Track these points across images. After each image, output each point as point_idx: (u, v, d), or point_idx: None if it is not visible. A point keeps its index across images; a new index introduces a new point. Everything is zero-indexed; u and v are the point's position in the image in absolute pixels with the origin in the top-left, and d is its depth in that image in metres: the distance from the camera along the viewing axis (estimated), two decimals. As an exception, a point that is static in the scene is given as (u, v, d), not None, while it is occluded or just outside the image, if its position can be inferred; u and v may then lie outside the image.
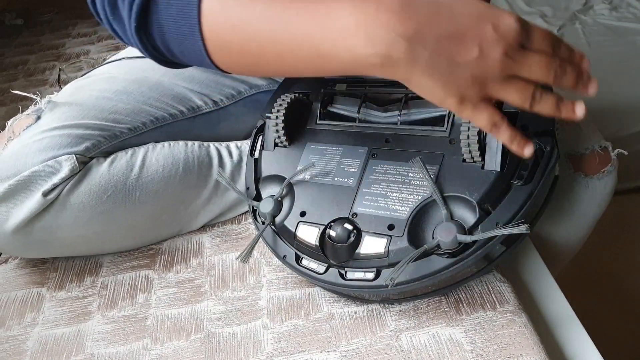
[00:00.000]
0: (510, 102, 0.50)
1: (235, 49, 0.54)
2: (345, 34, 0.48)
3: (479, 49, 0.47)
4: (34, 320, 0.77)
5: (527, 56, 0.48)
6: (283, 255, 0.71)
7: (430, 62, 0.47)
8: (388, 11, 0.47)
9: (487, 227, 0.60)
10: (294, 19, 0.50)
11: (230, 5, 0.52)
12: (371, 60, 0.48)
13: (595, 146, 0.81)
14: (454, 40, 0.47)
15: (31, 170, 0.74)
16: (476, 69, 0.47)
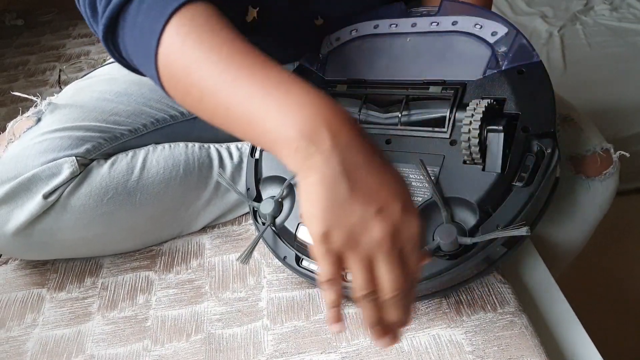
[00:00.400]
0: (353, 275, 0.48)
1: (181, 87, 0.54)
2: (282, 109, 0.48)
3: (378, 210, 0.45)
4: (34, 321, 0.77)
5: (393, 261, 0.47)
6: (283, 256, 0.71)
7: (335, 178, 0.45)
8: (334, 113, 0.47)
9: (487, 229, 0.60)
10: (240, 81, 0.50)
11: (187, 48, 0.52)
12: (288, 141, 0.46)
13: (597, 148, 0.81)
14: (367, 182, 0.46)
15: (32, 173, 0.74)
16: (361, 222, 0.45)
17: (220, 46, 0.51)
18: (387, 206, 0.46)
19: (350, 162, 0.46)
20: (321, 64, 0.79)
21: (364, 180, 0.46)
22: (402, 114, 0.70)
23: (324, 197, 0.45)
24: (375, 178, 0.46)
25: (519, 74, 0.66)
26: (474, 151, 0.62)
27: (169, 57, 0.53)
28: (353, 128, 0.47)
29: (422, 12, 0.76)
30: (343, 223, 0.46)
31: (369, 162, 0.46)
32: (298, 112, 0.47)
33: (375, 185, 0.46)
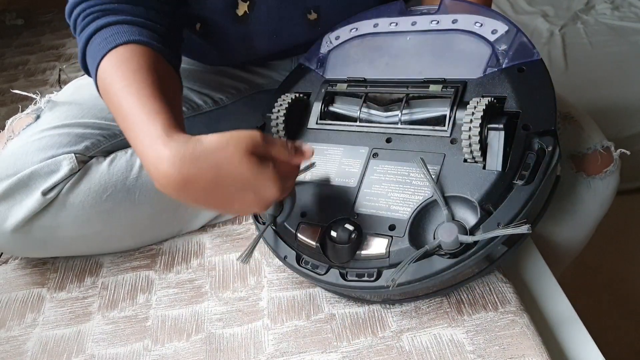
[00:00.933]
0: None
1: (107, 99, 0.67)
2: (144, 147, 0.59)
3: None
4: (34, 320, 0.77)
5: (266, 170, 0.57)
6: (284, 255, 0.70)
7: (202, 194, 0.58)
8: (177, 156, 0.57)
9: (488, 228, 0.59)
10: (128, 109, 0.62)
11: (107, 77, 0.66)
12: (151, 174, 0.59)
13: (598, 146, 0.80)
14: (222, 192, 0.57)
15: (30, 169, 0.74)
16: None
17: (124, 79, 0.64)
18: (245, 207, 0.60)
19: (200, 186, 0.58)
20: (321, 62, 0.79)
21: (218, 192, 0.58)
22: (403, 113, 0.69)
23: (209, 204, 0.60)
24: (226, 189, 0.57)
25: (519, 72, 0.66)
26: (474, 149, 0.61)
27: (99, 83, 0.68)
28: (195, 164, 0.57)
29: (422, 10, 0.76)
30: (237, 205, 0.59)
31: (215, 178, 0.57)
32: (151, 155, 0.58)
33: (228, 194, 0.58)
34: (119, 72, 0.65)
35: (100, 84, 0.68)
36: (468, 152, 0.62)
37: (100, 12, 0.70)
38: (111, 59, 0.67)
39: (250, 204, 0.59)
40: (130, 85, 0.64)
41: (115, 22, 0.69)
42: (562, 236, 0.87)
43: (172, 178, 0.57)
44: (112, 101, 0.65)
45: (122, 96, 0.63)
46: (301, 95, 0.76)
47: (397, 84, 0.71)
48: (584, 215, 0.84)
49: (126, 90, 0.63)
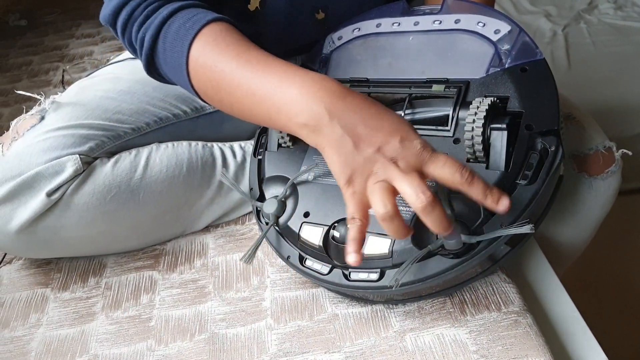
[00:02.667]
0: (374, 206, 0.56)
1: (217, 99, 0.67)
2: (289, 103, 0.60)
3: (378, 149, 0.56)
4: (38, 321, 0.77)
5: (411, 175, 0.54)
6: (287, 256, 0.71)
7: (340, 140, 0.57)
8: (327, 91, 0.59)
9: (491, 228, 0.59)
10: (254, 85, 0.62)
11: (208, 68, 0.64)
12: (301, 127, 0.59)
13: (599, 146, 0.80)
14: (366, 132, 0.57)
15: (35, 171, 0.74)
16: (367, 162, 0.56)
17: (231, 61, 0.63)
18: (385, 143, 0.56)
19: (347, 124, 0.57)
20: (323, 63, 0.79)
21: (361, 132, 0.57)
22: (405, 113, 0.69)
23: (337, 158, 0.57)
24: (371, 126, 0.57)
25: (522, 72, 0.66)
26: (477, 149, 0.61)
27: (199, 83, 0.66)
28: (344, 96, 0.58)
29: (425, 10, 0.76)
30: (356, 170, 0.56)
31: (363, 117, 0.57)
32: (300, 103, 0.59)
33: (371, 132, 0.56)
34: (226, 43, 0.63)
35: (201, 62, 0.64)
36: (471, 152, 0.62)
37: (160, 3, 0.68)
38: (208, 35, 0.64)
39: (392, 148, 0.56)
40: (249, 50, 0.63)
41: (187, 5, 0.67)
42: (565, 236, 0.87)
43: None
44: (227, 72, 0.63)
45: (245, 60, 0.62)
46: (304, 95, 0.76)
47: (399, 84, 0.72)
48: (586, 215, 0.84)
49: (247, 55, 0.62)
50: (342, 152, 0.57)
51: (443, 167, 0.55)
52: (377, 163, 0.55)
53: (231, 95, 0.64)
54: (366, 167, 0.56)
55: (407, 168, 0.55)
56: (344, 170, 0.57)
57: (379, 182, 0.55)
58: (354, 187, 0.56)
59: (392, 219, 0.54)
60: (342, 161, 0.57)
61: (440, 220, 0.55)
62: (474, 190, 0.55)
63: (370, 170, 0.56)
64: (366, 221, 0.57)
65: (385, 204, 0.54)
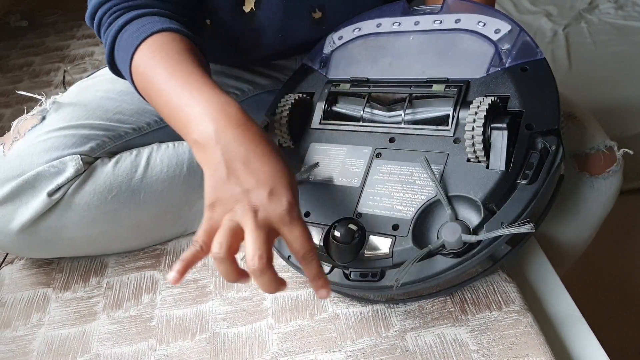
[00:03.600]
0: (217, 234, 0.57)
1: (146, 92, 0.69)
2: (191, 119, 0.62)
3: (245, 191, 0.57)
4: (39, 320, 0.78)
5: (259, 232, 0.55)
6: (288, 255, 0.71)
7: (216, 166, 0.59)
8: (225, 116, 0.60)
9: (492, 227, 0.59)
10: (173, 93, 0.64)
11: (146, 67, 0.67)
12: (193, 142, 0.61)
13: (600, 146, 0.80)
14: (242, 169, 0.58)
15: (36, 171, 0.75)
16: (231, 195, 0.57)
17: (164, 65, 0.66)
18: (254, 189, 0.57)
19: (228, 152, 0.58)
20: (324, 63, 0.79)
21: (237, 167, 0.58)
22: (406, 113, 0.70)
23: (209, 181, 0.59)
24: (249, 166, 0.58)
25: (522, 71, 0.66)
26: (477, 149, 0.61)
27: (136, 77, 0.69)
28: (237, 125, 0.60)
29: (425, 10, 0.76)
30: (221, 199, 0.58)
31: (246, 153, 0.59)
32: (200, 122, 0.61)
33: (246, 172, 0.58)
34: (162, 54, 0.66)
35: (139, 69, 0.68)
36: (471, 151, 0.62)
37: (127, 8, 0.72)
38: (149, 45, 0.67)
39: (259, 196, 0.57)
40: (180, 63, 0.65)
41: (145, 14, 0.71)
42: (566, 236, 0.87)
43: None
44: (155, 82, 0.66)
45: (171, 78, 0.64)
46: (304, 95, 0.76)
47: (400, 84, 0.72)
48: (587, 214, 0.84)
49: (175, 67, 0.65)
50: (214, 178, 0.59)
51: (295, 239, 0.57)
52: (239, 203, 0.56)
53: (157, 102, 0.67)
54: (229, 201, 0.57)
55: (263, 222, 0.56)
56: (210, 195, 0.58)
57: (232, 221, 0.56)
58: (213, 214, 0.58)
59: (221, 261, 0.55)
60: (211, 185, 0.59)
61: (268, 285, 0.56)
62: (307, 271, 0.58)
63: (231, 206, 0.57)
64: (207, 250, 0.57)
65: (222, 245, 0.55)
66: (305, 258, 0.57)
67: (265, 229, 0.56)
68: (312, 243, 0.58)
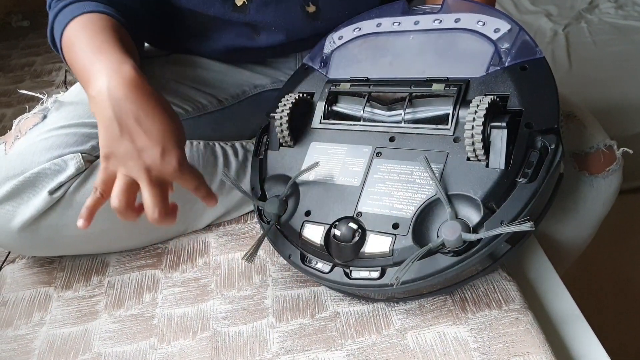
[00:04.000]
0: (114, 186, 0.65)
1: (68, 60, 0.75)
2: (92, 76, 0.67)
3: (138, 151, 0.63)
4: (41, 319, 0.78)
5: (153, 186, 0.64)
6: (288, 254, 0.71)
7: (109, 121, 0.64)
8: (119, 75, 0.65)
9: (491, 225, 0.60)
10: (84, 54, 0.70)
11: (72, 36, 0.73)
12: (90, 97, 0.67)
13: (600, 145, 0.81)
14: (135, 127, 0.64)
15: (37, 169, 0.75)
16: (125, 153, 0.63)
17: (85, 34, 0.72)
18: (146, 148, 0.63)
19: (120, 111, 0.64)
20: (324, 62, 0.80)
21: (130, 125, 0.64)
22: (406, 112, 0.70)
23: (103, 134, 0.65)
24: (141, 124, 0.64)
25: (522, 70, 0.66)
26: (477, 148, 0.62)
27: (64, 45, 0.75)
28: (130, 85, 0.65)
29: (425, 9, 0.77)
30: (115, 153, 0.64)
31: (138, 111, 0.64)
32: (100, 79, 0.66)
33: (138, 131, 0.63)
34: (86, 29, 0.73)
35: (65, 44, 0.74)
36: (471, 150, 0.62)
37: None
38: (78, 21, 0.74)
39: (151, 155, 0.63)
40: (98, 35, 0.71)
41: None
42: (566, 234, 0.87)
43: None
44: (75, 49, 0.72)
45: (86, 44, 0.71)
46: (305, 95, 0.77)
47: (400, 83, 0.72)
48: (587, 213, 0.85)
49: (93, 38, 0.71)
50: (108, 132, 0.64)
51: (189, 183, 0.66)
52: (133, 160, 0.63)
53: (74, 66, 0.73)
54: (124, 157, 0.63)
55: (157, 179, 0.64)
56: (105, 149, 0.65)
57: (126, 176, 0.64)
58: (108, 165, 0.65)
59: (121, 212, 0.64)
60: (106, 139, 0.64)
61: (164, 224, 0.65)
62: (198, 194, 0.68)
63: (125, 161, 0.63)
64: (107, 196, 0.65)
65: (120, 200, 0.64)
66: (198, 188, 0.67)
67: (159, 185, 0.64)
68: (201, 179, 0.67)
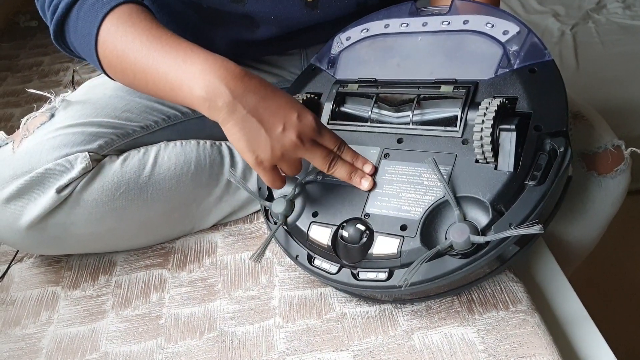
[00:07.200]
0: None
1: (119, 71, 0.70)
2: (190, 77, 0.63)
3: (283, 127, 0.63)
4: (49, 318, 0.78)
5: (314, 147, 0.65)
6: (295, 255, 0.71)
7: (244, 119, 0.62)
8: (228, 71, 0.63)
9: (500, 228, 0.59)
10: (159, 59, 0.65)
11: (117, 40, 0.68)
12: (200, 100, 0.63)
13: (608, 145, 0.80)
14: (267, 112, 0.63)
15: (45, 168, 0.75)
16: (276, 141, 0.63)
17: (141, 35, 0.67)
18: (287, 121, 0.63)
19: (248, 104, 0.62)
20: (332, 63, 0.79)
21: (263, 113, 0.62)
22: (414, 114, 0.70)
23: (242, 135, 0.62)
24: (271, 106, 0.63)
25: (530, 73, 0.66)
26: (486, 150, 0.61)
27: (105, 52, 0.69)
28: (242, 77, 0.63)
29: (433, 11, 0.76)
30: (263, 148, 0.63)
31: (262, 98, 0.63)
32: (202, 78, 0.62)
33: (272, 112, 0.63)
34: (132, 27, 0.67)
35: (108, 45, 0.68)
36: (480, 152, 0.62)
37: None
38: (114, 19, 0.68)
39: (292, 124, 0.63)
40: (154, 31, 0.66)
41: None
42: (573, 235, 0.87)
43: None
44: (131, 55, 0.66)
45: (148, 43, 0.66)
46: (312, 95, 0.77)
47: (408, 85, 0.72)
48: (595, 214, 0.84)
49: (151, 37, 0.66)
50: (247, 131, 0.62)
51: (329, 140, 0.66)
52: (285, 144, 0.63)
53: (135, 67, 0.67)
54: (275, 147, 0.63)
55: (308, 142, 0.64)
56: (251, 149, 0.63)
57: (293, 162, 0.65)
58: (262, 164, 0.64)
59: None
60: (248, 139, 0.62)
61: (345, 171, 0.67)
62: (341, 169, 0.67)
63: (279, 152, 0.63)
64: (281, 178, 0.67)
65: (296, 173, 0.67)
66: (340, 147, 0.67)
67: (314, 144, 0.65)
68: (342, 140, 0.68)
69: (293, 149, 0.63)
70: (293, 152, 0.64)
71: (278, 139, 0.62)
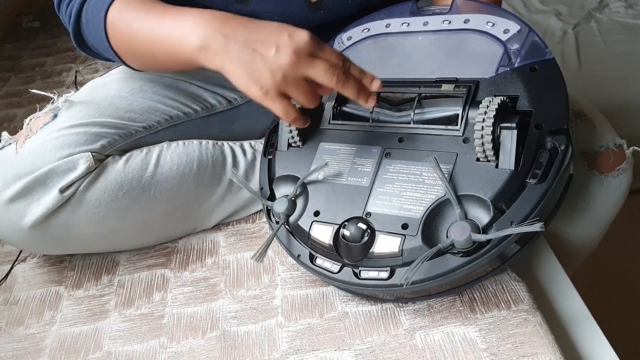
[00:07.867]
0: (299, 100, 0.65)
1: (131, 51, 0.75)
2: (186, 32, 0.67)
3: (276, 49, 0.62)
4: (52, 318, 0.78)
5: (314, 60, 0.62)
6: (297, 254, 0.71)
7: (238, 54, 0.63)
8: (217, 18, 0.66)
9: (501, 226, 0.60)
10: (157, 25, 0.70)
11: (122, 23, 0.73)
12: (197, 50, 0.66)
13: (610, 144, 0.80)
14: (259, 41, 0.63)
15: (48, 168, 0.75)
16: (273, 64, 0.62)
17: (140, 12, 0.72)
18: (279, 42, 0.62)
19: (239, 39, 0.64)
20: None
21: (255, 42, 0.63)
22: (415, 112, 0.70)
23: (240, 70, 0.63)
24: (262, 35, 0.64)
25: (531, 71, 0.66)
26: (487, 148, 0.62)
27: (115, 37, 0.74)
28: (232, 20, 0.66)
29: (434, 10, 0.76)
30: (263, 75, 0.62)
31: (251, 30, 0.64)
32: (194, 30, 0.66)
33: (262, 38, 0.63)
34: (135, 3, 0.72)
35: (114, 22, 0.73)
36: (481, 151, 0.62)
37: None
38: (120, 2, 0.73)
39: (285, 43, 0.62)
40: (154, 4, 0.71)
41: None
42: (575, 234, 0.87)
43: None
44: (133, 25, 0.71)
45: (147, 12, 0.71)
46: (314, 95, 0.77)
47: (409, 84, 0.72)
48: (597, 213, 0.84)
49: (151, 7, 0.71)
50: (244, 65, 0.63)
51: (330, 55, 0.63)
52: (282, 64, 0.61)
53: (138, 42, 0.72)
54: (274, 70, 0.62)
55: (308, 57, 0.62)
56: (253, 81, 0.63)
57: (299, 84, 0.63)
58: (269, 94, 0.63)
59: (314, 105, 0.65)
60: (247, 72, 0.63)
61: (355, 86, 0.64)
62: (349, 86, 0.64)
63: (279, 75, 0.62)
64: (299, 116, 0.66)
65: (312, 102, 0.65)
66: (345, 62, 0.64)
67: (315, 58, 0.62)
68: (342, 55, 0.65)
69: (292, 67, 0.62)
70: (293, 70, 0.62)
71: (274, 61, 0.62)
